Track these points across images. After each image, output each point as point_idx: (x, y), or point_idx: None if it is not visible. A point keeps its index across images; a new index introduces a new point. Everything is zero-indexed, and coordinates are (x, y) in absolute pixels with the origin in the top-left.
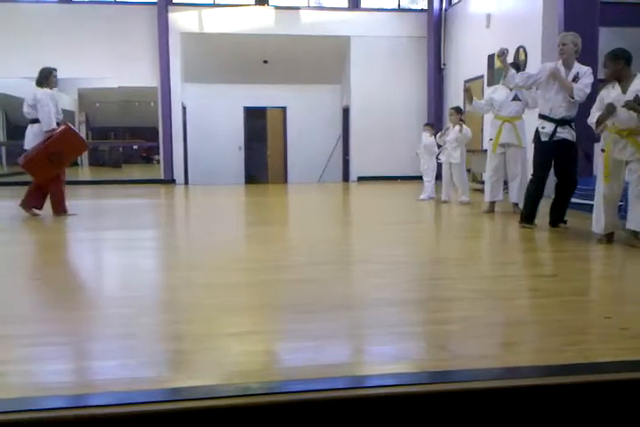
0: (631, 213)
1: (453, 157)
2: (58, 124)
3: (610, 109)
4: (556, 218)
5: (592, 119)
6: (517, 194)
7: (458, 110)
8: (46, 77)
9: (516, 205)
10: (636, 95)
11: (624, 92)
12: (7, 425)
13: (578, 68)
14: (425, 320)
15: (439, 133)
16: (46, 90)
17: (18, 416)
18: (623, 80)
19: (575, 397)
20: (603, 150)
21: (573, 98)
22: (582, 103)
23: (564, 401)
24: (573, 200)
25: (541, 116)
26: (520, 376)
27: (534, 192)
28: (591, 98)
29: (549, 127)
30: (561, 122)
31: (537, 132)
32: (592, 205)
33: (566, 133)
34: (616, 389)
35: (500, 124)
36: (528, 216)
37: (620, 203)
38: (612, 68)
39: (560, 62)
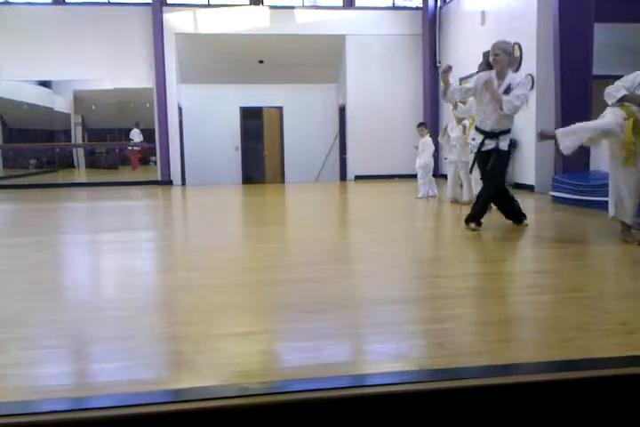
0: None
1: (465, 156)
2: None
3: None
4: (514, 219)
5: (616, 93)
6: None
7: None
8: None
9: None
10: None
11: None
12: None
13: (511, 78)
14: (423, 318)
15: (440, 134)
16: None
17: (18, 420)
18: None
19: (575, 393)
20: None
21: (502, 110)
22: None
23: (564, 397)
24: (568, 196)
25: (475, 127)
26: (520, 373)
27: (483, 198)
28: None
29: (478, 139)
30: (490, 134)
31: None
32: (587, 200)
33: (492, 145)
34: (616, 384)
35: None
36: (473, 216)
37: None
38: None
39: (494, 72)
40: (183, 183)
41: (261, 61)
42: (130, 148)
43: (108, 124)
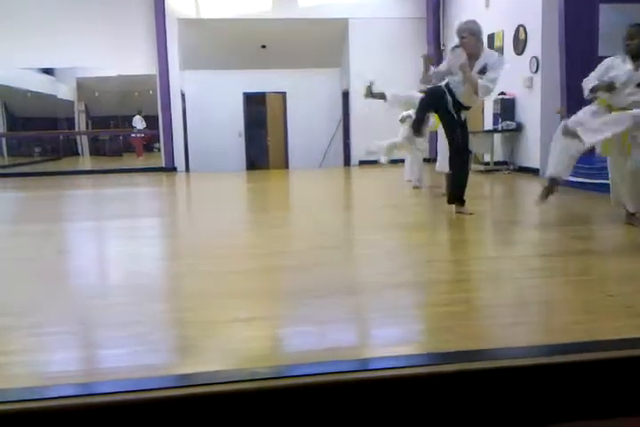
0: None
1: (421, 144)
2: None
3: (610, 88)
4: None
5: (588, 85)
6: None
7: None
8: None
9: None
10: None
11: (636, 69)
12: (16, 414)
13: (488, 56)
14: (428, 302)
15: (401, 119)
16: None
17: (27, 405)
18: (638, 57)
19: (582, 375)
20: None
21: (478, 95)
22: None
23: (571, 379)
24: (573, 179)
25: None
26: (526, 356)
27: (461, 175)
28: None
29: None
30: (459, 106)
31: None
32: (592, 183)
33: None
34: (622, 366)
35: None
36: (458, 195)
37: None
38: (637, 41)
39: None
40: (187, 170)
41: (264, 46)
42: (134, 135)
43: (112, 111)
